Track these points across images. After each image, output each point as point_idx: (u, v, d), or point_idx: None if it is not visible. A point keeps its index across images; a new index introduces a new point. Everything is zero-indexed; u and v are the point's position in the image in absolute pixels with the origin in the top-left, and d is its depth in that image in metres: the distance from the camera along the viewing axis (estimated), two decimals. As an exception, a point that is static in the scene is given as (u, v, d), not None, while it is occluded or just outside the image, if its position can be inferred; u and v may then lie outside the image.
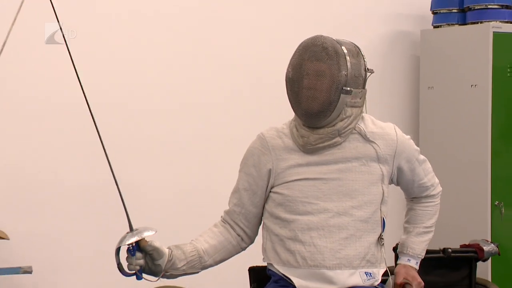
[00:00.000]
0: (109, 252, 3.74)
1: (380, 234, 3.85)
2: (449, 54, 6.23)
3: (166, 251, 3.74)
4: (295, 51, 3.82)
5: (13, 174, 5.43)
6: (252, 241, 3.99)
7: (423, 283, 3.94)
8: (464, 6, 6.22)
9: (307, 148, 3.80)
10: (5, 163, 5.40)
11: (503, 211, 5.89)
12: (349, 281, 3.75)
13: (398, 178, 3.94)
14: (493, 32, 5.92)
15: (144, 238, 3.67)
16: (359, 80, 3.75)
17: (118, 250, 3.65)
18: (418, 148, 3.97)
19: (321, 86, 3.69)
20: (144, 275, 3.72)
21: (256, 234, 4.00)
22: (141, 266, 3.68)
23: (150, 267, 3.72)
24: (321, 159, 3.80)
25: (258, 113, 5.76)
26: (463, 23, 6.23)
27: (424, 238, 4.06)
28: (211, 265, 3.93)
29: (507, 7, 6.12)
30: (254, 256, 4.10)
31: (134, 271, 3.70)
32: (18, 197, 5.45)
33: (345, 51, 3.72)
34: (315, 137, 3.77)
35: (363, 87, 3.79)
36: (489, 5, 6.09)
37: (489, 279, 5.75)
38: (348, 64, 3.71)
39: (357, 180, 3.80)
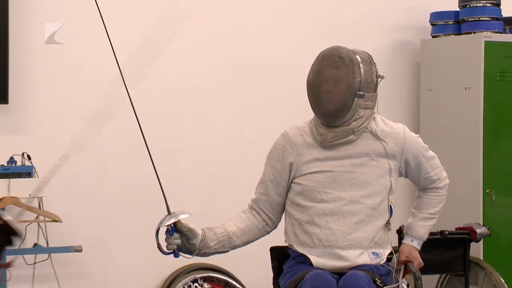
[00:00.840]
0: (151, 234, 3.78)
1: (388, 220, 3.91)
2: (446, 60, 6.24)
3: (200, 232, 3.81)
4: (316, 59, 3.87)
5: (68, 166, 5.44)
6: (275, 226, 4.05)
7: (422, 263, 3.99)
8: (459, 19, 6.24)
9: (325, 145, 3.85)
10: (60, 154, 5.34)
11: (493, 198, 5.90)
12: (358, 259, 3.81)
13: (406, 172, 3.99)
14: (485, 41, 5.93)
15: (180, 220, 3.74)
16: (371, 85, 3.81)
17: (157, 232, 3.73)
18: (426, 146, 4.01)
19: (338, 90, 3.75)
20: (180, 253, 3.79)
21: (279, 220, 4.06)
22: (178, 245, 3.75)
23: (186, 246, 3.79)
24: (337, 154, 3.86)
25: (282, 113, 5.79)
26: (458, 33, 6.24)
27: (427, 223, 4.10)
28: (239, 246, 3.98)
29: (497, 19, 6.14)
30: (275, 237, 4.12)
31: (172, 250, 3.76)
32: (71, 185, 5.49)
33: (359, 59, 3.78)
34: (332, 135, 3.82)
35: (375, 91, 3.84)
36: (481, 17, 6.11)
37: (481, 258, 5.77)
38: (362, 71, 3.76)
39: (367, 173, 3.86)
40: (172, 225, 3.75)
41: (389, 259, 3.94)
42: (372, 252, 3.85)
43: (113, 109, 5.53)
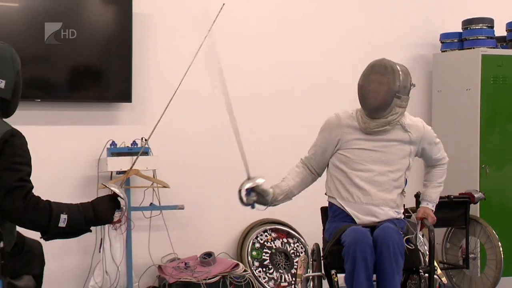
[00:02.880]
0: (233, 196, 3.89)
1: (403, 189, 3.97)
2: (452, 69, 6.22)
3: (270, 190, 3.89)
4: (366, 67, 3.92)
5: (174, 146, 5.55)
6: (320, 176, 4.12)
7: (435, 218, 4.03)
8: (462, 38, 6.21)
9: (367, 131, 3.89)
10: (169, 139, 5.45)
11: (487, 171, 5.89)
12: (386, 215, 3.88)
13: (422, 153, 4.02)
14: (482, 54, 5.92)
15: (257, 183, 3.83)
16: (406, 90, 3.84)
17: (240, 191, 3.82)
18: (435, 134, 4.05)
19: (381, 91, 3.80)
20: (256, 205, 3.89)
21: (322, 173, 4.11)
22: (254, 200, 3.84)
23: (260, 201, 3.86)
24: (374, 137, 3.90)
25: (328, 108, 5.86)
26: (461, 48, 6.21)
27: (437, 189, 4.15)
28: (297, 194, 4.07)
29: (491, 37, 6.11)
30: (324, 200, 4.15)
31: (250, 203, 3.86)
32: (175, 161, 5.55)
33: (399, 69, 3.82)
34: (373, 124, 3.86)
35: (408, 95, 3.86)
36: (479, 36, 6.09)
37: (478, 215, 5.78)
38: (400, 78, 3.79)
39: (394, 154, 3.90)
40: (250, 187, 3.84)
41: (408, 217, 4.00)
42: (395, 211, 3.92)
43: (205, 103, 5.64)
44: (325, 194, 4.08)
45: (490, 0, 6.64)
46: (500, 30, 6.27)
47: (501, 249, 5.52)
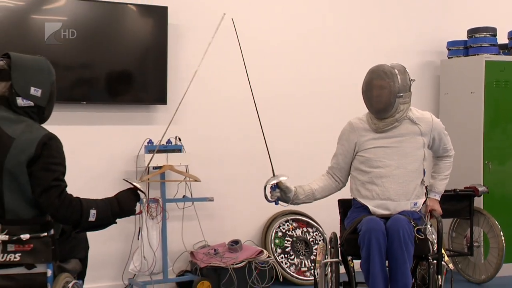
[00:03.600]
0: (259, 189, 3.90)
1: (422, 179, 3.93)
2: (458, 74, 6.19)
3: (293, 188, 3.87)
4: (367, 74, 3.91)
5: (205, 144, 5.56)
6: (344, 185, 4.09)
7: (441, 212, 4.00)
8: (467, 45, 6.18)
9: (378, 130, 3.88)
10: (200, 138, 5.51)
11: (490, 167, 5.87)
12: (401, 207, 3.83)
13: (432, 144, 3.98)
14: (485, 60, 5.90)
15: (281, 180, 3.83)
16: (406, 87, 3.82)
17: (265, 187, 3.81)
18: (444, 126, 4.03)
19: (383, 94, 3.80)
20: (280, 202, 3.88)
21: (347, 180, 4.08)
22: (278, 197, 3.83)
23: (283, 198, 3.85)
24: (386, 135, 3.89)
25: (349, 106, 5.83)
26: (466, 55, 6.17)
27: (443, 182, 4.12)
28: (319, 198, 4.05)
29: (493, 45, 6.07)
30: (340, 193, 4.16)
31: (274, 200, 3.85)
32: (206, 157, 5.56)
33: (396, 72, 3.79)
34: (382, 124, 3.87)
35: (409, 91, 3.85)
36: (482, 44, 6.05)
37: (482, 207, 5.75)
38: (399, 79, 3.78)
39: (408, 147, 3.88)
40: (275, 184, 3.86)
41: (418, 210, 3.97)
42: (413, 202, 3.88)
43: (233, 106, 5.67)
44: (351, 196, 4.06)
45: (493, 11, 6.61)
46: (502, 38, 6.23)
47: (502, 238, 5.52)
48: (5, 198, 2.82)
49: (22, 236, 2.79)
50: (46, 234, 2.83)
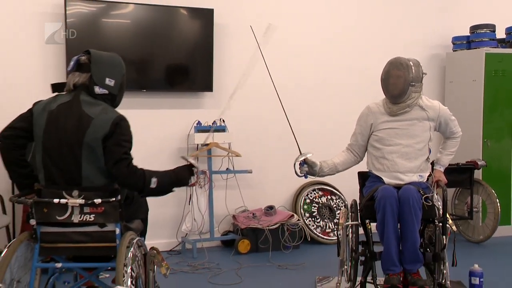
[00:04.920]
0: (289, 164, 3.86)
1: (428, 157, 3.91)
2: (461, 65, 6.10)
3: (318, 163, 3.86)
4: (386, 64, 3.88)
5: (245, 125, 5.57)
6: (361, 159, 4.07)
7: (446, 181, 3.96)
8: (470, 40, 6.09)
9: (392, 114, 3.86)
10: (241, 119, 5.49)
11: (489, 144, 5.80)
12: (410, 179, 3.81)
13: (439, 128, 3.95)
14: (485, 53, 5.81)
15: (307, 157, 3.83)
16: (419, 78, 3.79)
17: (294, 164, 3.82)
18: (451, 113, 3.97)
19: (399, 82, 3.77)
20: (308, 176, 3.89)
21: (364, 155, 4.05)
22: (306, 171, 3.84)
23: (310, 171, 3.85)
24: (398, 118, 3.87)
25: (367, 95, 5.79)
26: (469, 48, 6.08)
27: (448, 157, 4.07)
28: (341, 171, 4.03)
29: (493, 39, 5.98)
30: (359, 167, 4.12)
31: (303, 174, 3.86)
32: (247, 135, 5.57)
33: (411, 64, 3.77)
34: (396, 108, 3.85)
35: (421, 82, 3.82)
36: (483, 39, 5.97)
37: (481, 178, 5.71)
38: (413, 70, 3.75)
39: (416, 129, 3.86)
40: (302, 160, 3.87)
41: (426, 181, 3.93)
42: (419, 175, 3.86)
43: (269, 93, 5.64)
44: (367, 169, 4.04)
45: (493, 9, 6.50)
46: (500, 33, 6.14)
47: (498, 204, 5.50)
48: (83, 168, 2.88)
49: (95, 200, 2.84)
50: (114, 199, 2.88)
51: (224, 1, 5.51)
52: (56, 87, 3.11)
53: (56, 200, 2.84)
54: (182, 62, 5.30)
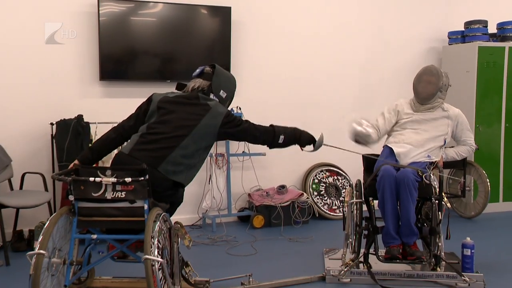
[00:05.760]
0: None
1: (441, 145, 3.92)
2: (456, 57, 6.02)
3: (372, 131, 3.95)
4: (420, 70, 3.97)
5: (260, 111, 5.31)
6: (382, 137, 4.04)
7: (443, 165, 3.94)
8: (464, 34, 6.01)
9: (417, 111, 3.93)
10: (256, 105, 5.36)
11: (480, 129, 5.76)
12: (416, 158, 3.82)
13: (455, 130, 3.99)
14: (478, 46, 5.76)
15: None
16: (446, 87, 3.88)
17: (353, 129, 3.86)
18: (468, 122, 4.01)
19: (429, 87, 3.85)
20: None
21: (382, 136, 4.04)
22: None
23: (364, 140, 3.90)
24: (422, 115, 3.93)
25: (367, 86, 5.75)
26: (463, 42, 6.01)
27: (454, 155, 4.11)
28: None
29: (485, 34, 5.91)
30: (364, 150, 4.06)
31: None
32: (261, 121, 5.49)
33: (443, 74, 3.85)
34: (422, 108, 3.92)
35: (446, 91, 3.89)
36: (476, 33, 5.90)
37: (473, 160, 5.69)
38: (444, 79, 3.84)
39: (436, 123, 3.91)
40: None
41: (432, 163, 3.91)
42: (428, 154, 3.85)
43: (281, 82, 5.62)
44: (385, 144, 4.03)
45: (485, 6, 6.41)
46: (492, 28, 6.07)
47: (488, 183, 5.50)
48: (180, 147, 3.04)
49: (126, 179, 2.86)
50: (143, 178, 2.88)
51: (241, 0, 5.46)
52: (179, 86, 3.33)
53: (91, 179, 2.86)
54: (202, 55, 5.26)
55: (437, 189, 3.76)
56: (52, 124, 4.70)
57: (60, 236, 2.97)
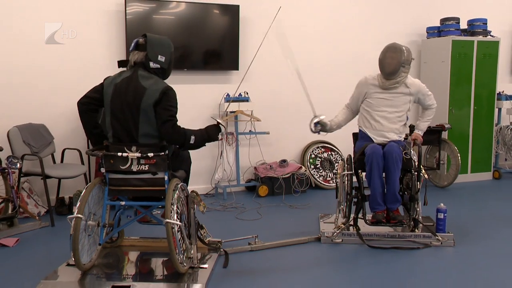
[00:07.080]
0: (303, 126, 3.86)
1: (405, 123, 3.84)
2: (433, 49, 5.91)
3: (328, 122, 3.80)
4: (384, 48, 3.78)
5: (265, 95, 5.41)
6: (357, 114, 3.97)
7: (422, 140, 3.91)
8: (440, 30, 5.89)
9: (383, 87, 3.78)
10: (262, 90, 5.32)
11: (453, 111, 5.67)
12: (392, 137, 3.76)
13: (419, 101, 3.88)
14: (452, 40, 5.64)
15: (321, 118, 3.77)
16: (409, 62, 3.71)
17: (310, 124, 3.76)
18: (428, 89, 3.89)
19: (393, 62, 3.69)
20: (321, 132, 3.81)
21: (358, 112, 3.96)
22: (319, 129, 3.77)
23: (323, 129, 3.79)
24: (387, 91, 3.79)
25: (362, 70, 5.67)
26: (439, 36, 5.88)
27: (425, 123, 4.00)
28: (344, 125, 3.98)
29: (458, 29, 5.79)
30: (355, 128, 4.09)
31: (317, 131, 3.79)
32: (266, 104, 5.41)
33: (404, 49, 3.69)
34: (387, 83, 3.76)
35: (409, 65, 3.73)
36: (450, 29, 5.78)
37: (447, 138, 5.61)
38: (405, 54, 3.67)
39: (399, 101, 3.79)
40: (316, 121, 3.80)
41: (405, 139, 3.87)
42: (398, 135, 3.80)
43: (285, 70, 5.54)
44: (357, 125, 3.97)
45: (458, 4, 6.30)
46: (463, 25, 5.98)
47: (459, 158, 5.45)
48: (139, 129, 2.88)
49: (149, 154, 2.85)
50: (163, 153, 2.87)
51: (248, -1, 5.39)
52: (121, 63, 3.11)
53: (119, 154, 2.86)
54: (214, 48, 5.20)
55: (416, 163, 3.73)
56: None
57: (94, 202, 2.98)
